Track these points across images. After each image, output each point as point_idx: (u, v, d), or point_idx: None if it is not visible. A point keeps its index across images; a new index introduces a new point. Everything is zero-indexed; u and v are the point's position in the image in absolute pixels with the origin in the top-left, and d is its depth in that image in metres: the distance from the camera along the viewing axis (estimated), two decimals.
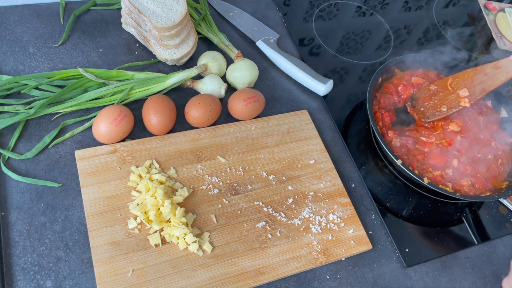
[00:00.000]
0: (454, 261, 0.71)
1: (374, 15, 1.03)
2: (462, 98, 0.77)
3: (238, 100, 0.74)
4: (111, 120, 0.65)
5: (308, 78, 0.82)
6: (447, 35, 1.05)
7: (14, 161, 0.65)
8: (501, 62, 0.77)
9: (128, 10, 0.76)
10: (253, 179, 0.70)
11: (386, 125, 0.78)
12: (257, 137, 0.74)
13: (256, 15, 0.93)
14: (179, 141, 0.71)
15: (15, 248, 0.58)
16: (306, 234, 0.66)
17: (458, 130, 0.80)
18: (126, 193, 0.64)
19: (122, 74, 0.74)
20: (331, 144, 0.79)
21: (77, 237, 0.60)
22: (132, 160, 0.67)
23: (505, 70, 0.75)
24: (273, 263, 0.63)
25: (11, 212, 0.61)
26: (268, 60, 0.86)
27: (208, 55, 0.78)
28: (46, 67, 0.75)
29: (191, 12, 0.84)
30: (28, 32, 0.78)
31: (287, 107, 0.81)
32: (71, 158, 0.67)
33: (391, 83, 0.84)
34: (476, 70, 0.79)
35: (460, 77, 0.80)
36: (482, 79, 0.77)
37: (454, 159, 0.77)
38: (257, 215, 0.66)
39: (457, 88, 0.77)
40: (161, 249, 0.60)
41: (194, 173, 0.68)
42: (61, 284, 0.57)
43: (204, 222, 0.64)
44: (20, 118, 0.66)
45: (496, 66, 0.77)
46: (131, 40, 0.82)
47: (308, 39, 0.93)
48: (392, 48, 0.98)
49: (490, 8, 1.10)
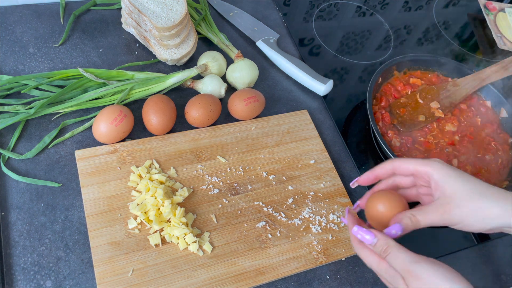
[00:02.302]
0: (454, 261, 0.71)
1: (374, 15, 1.03)
2: (435, 109, 0.81)
3: (238, 100, 0.74)
4: (111, 120, 0.65)
5: (308, 78, 0.82)
6: (447, 35, 1.05)
7: (14, 161, 0.65)
8: (458, 81, 0.85)
9: (128, 10, 0.76)
10: (253, 179, 0.70)
11: (386, 125, 0.78)
12: (257, 137, 0.74)
13: (256, 15, 0.93)
14: (179, 141, 0.71)
15: (15, 248, 0.58)
16: (306, 234, 0.66)
17: (455, 130, 0.80)
18: (126, 193, 0.64)
19: (122, 74, 0.74)
20: (331, 144, 0.79)
21: (77, 237, 0.60)
22: (132, 160, 0.67)
23: (463, 87, 0.83)
24: (273, 263, 0.63)
25: (11, 212, 0.61)
26: (268, 60, 0.86)
27: (208, 55, 0.78)
28: (46, 67, 0.75)
29: (191, 12, 0.84)
30: (28, 32, 0.78)
31: (287, 107, 0.81)
32: (71, 158, 0.67)
33: (390, 83, 0.84)
34: (439, 86, 0.84)
35: (427, 91, 0.83)
36: (446, 94, 0.82)
37: (454, 159, 0.77)
38: (257, 215, 0.66)
39: (427, 101, 0.81)
40: (161, 249, 0.60)
41: (194, 173, 0.68)
42: (61, 284, 0.57)
43: (204, 222, 0.64)
44: (20, 118, 0.66)
45: (454, 84, 0.84)
46: (131, 40, 0.82)
47: (308, 39, 0.93)
48: (392, 48, 0.98)
49: (490, 8, 1.10)
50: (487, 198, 0.47)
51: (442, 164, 0.50)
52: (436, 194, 0.50)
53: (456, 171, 0.49)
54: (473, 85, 0.84)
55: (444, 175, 0.49)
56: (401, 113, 0.79)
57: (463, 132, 0.81)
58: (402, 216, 0.49)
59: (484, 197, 0.47)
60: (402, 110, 0.80)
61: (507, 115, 0.84)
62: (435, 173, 0.49)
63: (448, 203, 0.48)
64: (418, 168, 0.51)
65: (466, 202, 0.47)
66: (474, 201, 0.47)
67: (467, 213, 0.47)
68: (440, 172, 0.49)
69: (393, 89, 0.83)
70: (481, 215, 0.47)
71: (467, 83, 0.84)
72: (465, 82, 0.84)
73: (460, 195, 0.48)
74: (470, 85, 0.84)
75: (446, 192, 0.49)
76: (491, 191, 0.48)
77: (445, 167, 0.49)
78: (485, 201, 0.47)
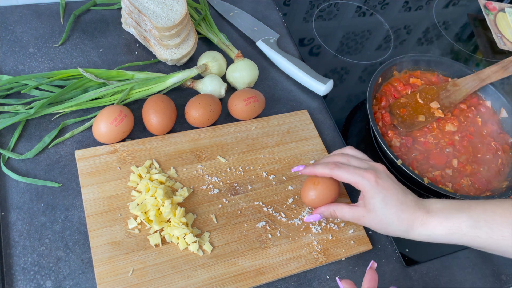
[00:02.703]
0: (454, 261, 0.71)
1: (374, 15, 1.03)
2: (435, 109, 0.81)
3: (238, 100, 0.74)
4: (111, 120, 0.65)
5: (308, 78, 0.82)
6: (447, 35, 1.05)
7: (14, 161, 0.65)
8: (458, 81, 0.85)
9: (128, 10, 0.76)
10: (253, 179, 0.70)
11: (386, 125, 0.78)
12: (257, 137, 0.74)
13: (256, 15, 0.93)
14: (179, 141, 0.71)
15: (15, 248, 0.58)
16: (306, 234, 0.66)
17: (455, 130, 0.80)
18: (126, 193, 0.64)
19: (122, 74, 0.74)
20: (331, 144, 0.79)
21: (77, 237, 0.60)
22: (132, 160, 0.67)
23: (463, 87, 0.84)
24: (273, 263, 0.63)
25: (11, 212, 0.61)
26: (268, 60, 0.86)
27: (208, 55, 0.78)
28: (46, 67, 0.75)
29: (191, 12, 0.84)
30: (28, 32, 0.78)
31: (287, 107, 0.81)
32: (71, 158, 0.67)
33: (390, 83, 0.84)
34: (439, 86, 0.84)
35: (427, 91, 0.83)
36: (446, 95, 0.83)
37: (454, 159, 0.77)
38: (257, 215, 0.66)
39: (427, 101, 0.81)
40: (161, 249, 0.60)
41: (194, 173, 0.68)
42: (61, 284, 0.57)
43: (204, 222, 0.64)
44: (20, 118, 0.66)
45: (454, 84, 0.84)
46: (131, 40, 0.82)
47: (308, 39, 0.93)
48: (392, 48, 0.98)
49: (490, 8, 1.10)
50: (393, 215, 0.57)
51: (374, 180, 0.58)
52: (361, 199, 0.61)
53: (381, 188, 0.58)
54: (473, 85, 0.84)
55: (369, 191, 0.58)
56: (401, 113, 0.79)
57: (463, 132, 0.81)
58: (324, 210, 0.63)
59: (391, 214, 0.57)
60: (402, 110, 0.80)
61: (507, 115, 0.84)
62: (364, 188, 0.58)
63: (364, 212, 0.59)
64: (351, 180, 0.59)
65: (376, 213, 0.58)
66: (383, 214, 0.58)
67: (376, 223, 0.59)
68: (367, 187, 0.58)
69: (393, 89, 0.83)
70: (384, 227, 0.59)
71: (467, 83, 0.84)
72: (465, 82, 0.84)
73: (374, 208, 0.58)
74: (470, 85, 0.84)
75: (366, 203, 0.59)
76: (401, 210, 0.57)
77: (373, 186, 0.58)
78: (391, 216, 0.57)
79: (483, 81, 0.84)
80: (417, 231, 0.57)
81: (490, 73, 0.85)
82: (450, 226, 0.55)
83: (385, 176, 0.59)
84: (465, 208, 0.56)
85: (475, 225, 0.54)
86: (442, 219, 0.56)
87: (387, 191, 0.58)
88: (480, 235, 0.54)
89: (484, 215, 0.54)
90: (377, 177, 0.58)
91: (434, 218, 0.56)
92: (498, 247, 0.54)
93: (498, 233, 0.53)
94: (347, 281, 0.55)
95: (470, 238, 0.55)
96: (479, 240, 0.55)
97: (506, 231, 0.53)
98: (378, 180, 0.58)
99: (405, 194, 0.58)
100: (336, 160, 0.62)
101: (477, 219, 0.54)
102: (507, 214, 0.54)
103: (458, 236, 0.55)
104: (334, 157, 0.63)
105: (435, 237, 0.56)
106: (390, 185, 0.58)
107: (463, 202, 0.57)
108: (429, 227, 0.56)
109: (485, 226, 0.54)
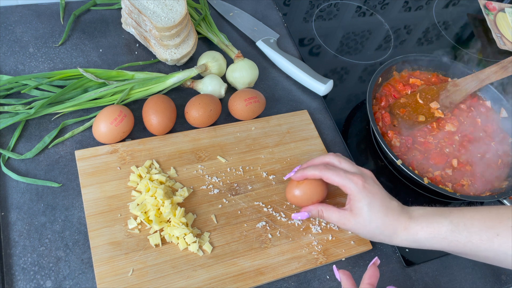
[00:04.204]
0: (454, 261, 0.71)
1: (374, 15, 1.03)
2: (435, 109, 0.81)
3: (238, 100, 0.74)
4: (111, 120, 0.65)
5: (308, 78, 0.82)
6: (447, 35, 1.05)
7: (14, 161, 0.65)
8: (458, 81, 0.85)
9: (128, 10, 0.76)
10: (253, 179, 0.70)
11: (386, 125, 0.78)
12: (257, 137, 0.74)
13: (256, 15, 0.93)
14: (179, 141, 0.71)
15: (15, 248, 0.58)
16: (306, 234, 0.66)
17: (455, 130, 0.80)
18: (126, 193, 0.64)
19: (122, 74, 0.74)
20: (331, 144, 0.79)
21: (77, 237, 0.60)
22: (132, 160, 0.67)
23: (463, 87, 0.84)
24: (273, 263, 0.63)
25: (11, 212, 0.61)
26: (268, 60, 0.86)
27: (208, 55, 0.78)
28: (46, 67, 0.75)
29: (191, 12, 0.84)
30: (28, 32, 0.78)
31: (287, 107, 0.81)
32: (71, 158, 0.67)
33: (389, 84, 0.84)
34: (438, 86, 0.84)
35: (427, 92, 0.83)
36: (446, 95, 0.83)
37: (454, 159, 0.77)
38: (257, 215, 0.66)
39: (427, 101, 0.82)
40: (161, 249, 0.60)
41: (194, 173, 0.68)
42: (61, 284, 0.57)
43: (204, 222, 0.64)
44: (20, 118, 0.66)
45: (454, 84, 0.85)
46: (131, 40, 0.82)
47: (308, 39, 0.93)
48: (392, 48, 0.98)
49: (490, 8, 1.10)
50: (378, 219, 0.59)
51: (362, 184, 0.59)
52: (348, 203, 0.62)
53: (367, 192, 0.59)
54: (473, 85, 0.84)
55: (356, 195, 0.59)
56: (401, 113, 0.79)
57: (463, 132, 0.81)
58: (312, 208, 0.64)
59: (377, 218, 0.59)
60: (402, 110, 0.80)
61: (507, 115, 0.84)
62: (352, 191, 0.60)
63: (350, 216, 0.61)
64: (339, 182, 0.60)
65: (362, 216, 0.59)
66: (368, 218, 0.59)
67: (360, 227, 0.60)
68: (355, 191, 0.59)
69: (393, 89, 0.83)
70: (369, 231, 0.60)
71: (467, 83, 0.84)
72: (465, 82, 0.84)
73: (360, 212, 0.59)
74: (470, 85, 0.84)
75: (353, 207, 0.60)
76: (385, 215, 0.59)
77: (360, 190, 0.59)
78: (376, 220, 0.59)
79: (483, 81, 0.84)
80: (400, 236, 0.59)
81: (490, 73, 0.85)
82: (431, 231, 0.57)
83: (372, 182, 0.61)
84: (446, 214, 0.58)
85: (454, 229, 0.56)
86: (424, 224, 0.58)
87: (373, 195, 0.59)
88: (459, 239, 0.56)
89: (464, 220, 0.56)
90: (364, 181, 0.60)
91: (417, 223, 0.58)
92: (478, 252, 0.56)
93: (476, 237, 0.55)
94: (344, 271, 0.57)
95: (451, 243, 0.57)
96: (459, 245, 0.56)
97: (483, 234, 0.55)
98: (365, 184, 0.60)
99: (390, 200, 0.60)
100: (327, 160, 0.64)
101: (457, 224, 0.56)
102: (485, 219, 0.56)
103: (438, 240, 0.57)
104: (326, 157, 0.64)
105: (418, 241, 0.58)
106: (376, 190, 0.60)
107: (445, 209, 0.59)
108: (411, 232, 0.58)
109: (464, 230, 0.56)
